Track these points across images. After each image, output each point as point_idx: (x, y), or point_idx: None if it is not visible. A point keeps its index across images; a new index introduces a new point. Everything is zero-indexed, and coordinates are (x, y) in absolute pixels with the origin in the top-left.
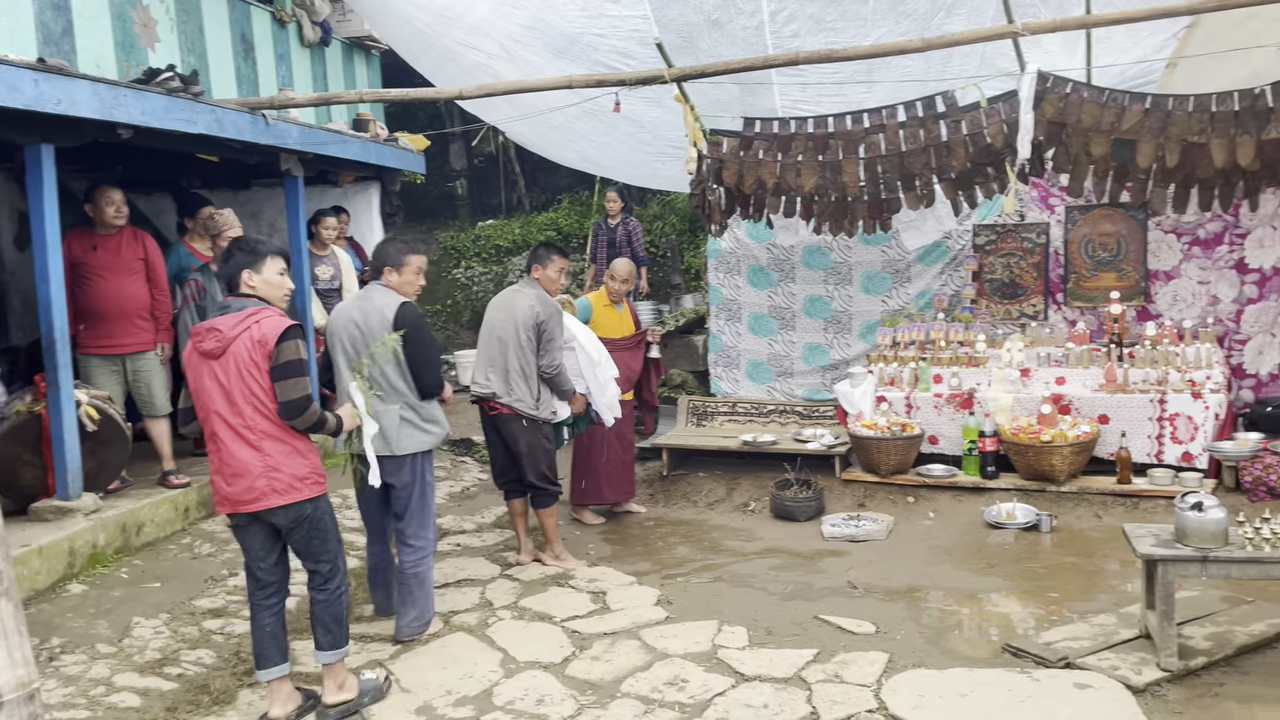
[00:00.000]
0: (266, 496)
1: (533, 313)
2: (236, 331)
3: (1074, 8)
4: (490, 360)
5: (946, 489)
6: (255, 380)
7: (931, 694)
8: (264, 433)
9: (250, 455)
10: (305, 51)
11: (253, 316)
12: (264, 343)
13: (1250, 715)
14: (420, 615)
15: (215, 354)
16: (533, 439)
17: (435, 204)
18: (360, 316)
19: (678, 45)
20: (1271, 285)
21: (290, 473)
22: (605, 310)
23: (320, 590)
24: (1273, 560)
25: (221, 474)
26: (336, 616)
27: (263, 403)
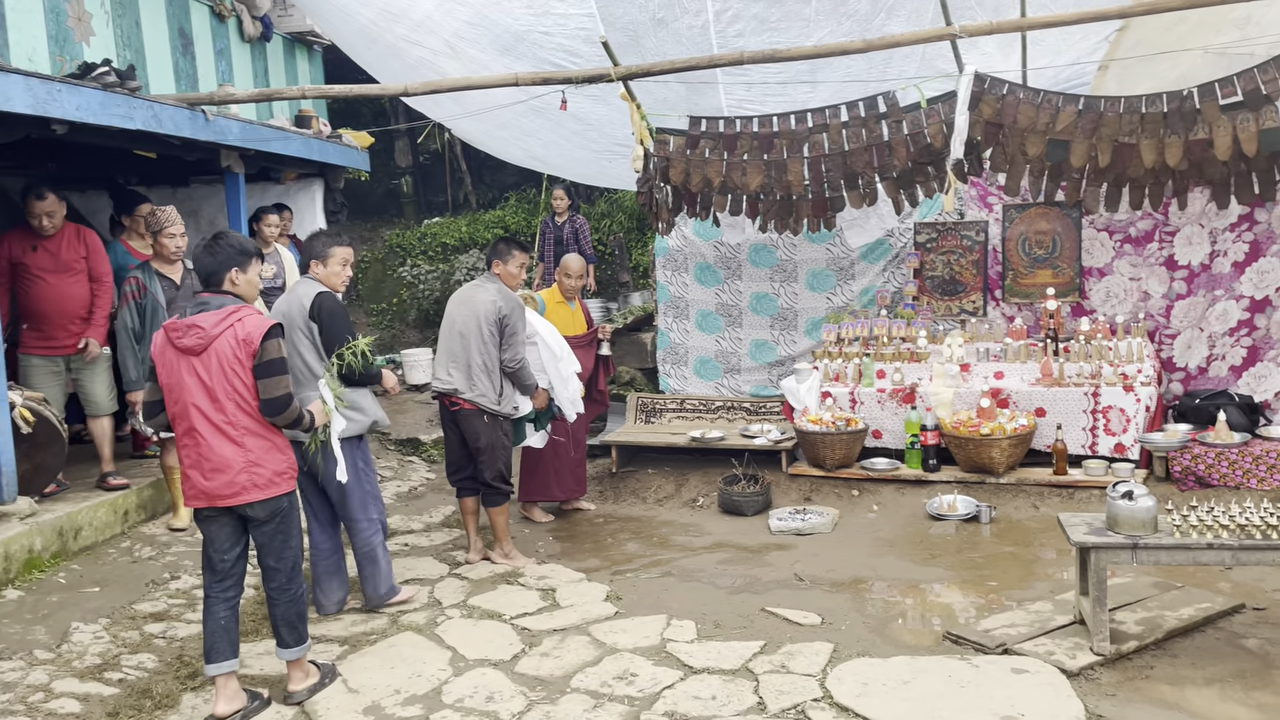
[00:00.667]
0: (247, 491)
1: (494, 307)
2: (219, 329)
3: (1010, 11)
4: (452, 356)
5: (890, 482)
6: (239, 377)
7: (875, 682)
8: (246, 429)
9: (232, 450)
10: (246, 47)
11: (234, 315)
12: (248, 341)
13: (1180, 696)
14: (385, 584)
15: (196, 350)
16: (493, 435)
17: (381, 201)
18: (285, 308)
19: (623, 44)
20: (1199, 281)
21: (271, 468)
22: (557, 307)
23: (283, 591)
24: (1199, 546)
25: (199, 468)
26: (300, 614)
27: (245, 399)
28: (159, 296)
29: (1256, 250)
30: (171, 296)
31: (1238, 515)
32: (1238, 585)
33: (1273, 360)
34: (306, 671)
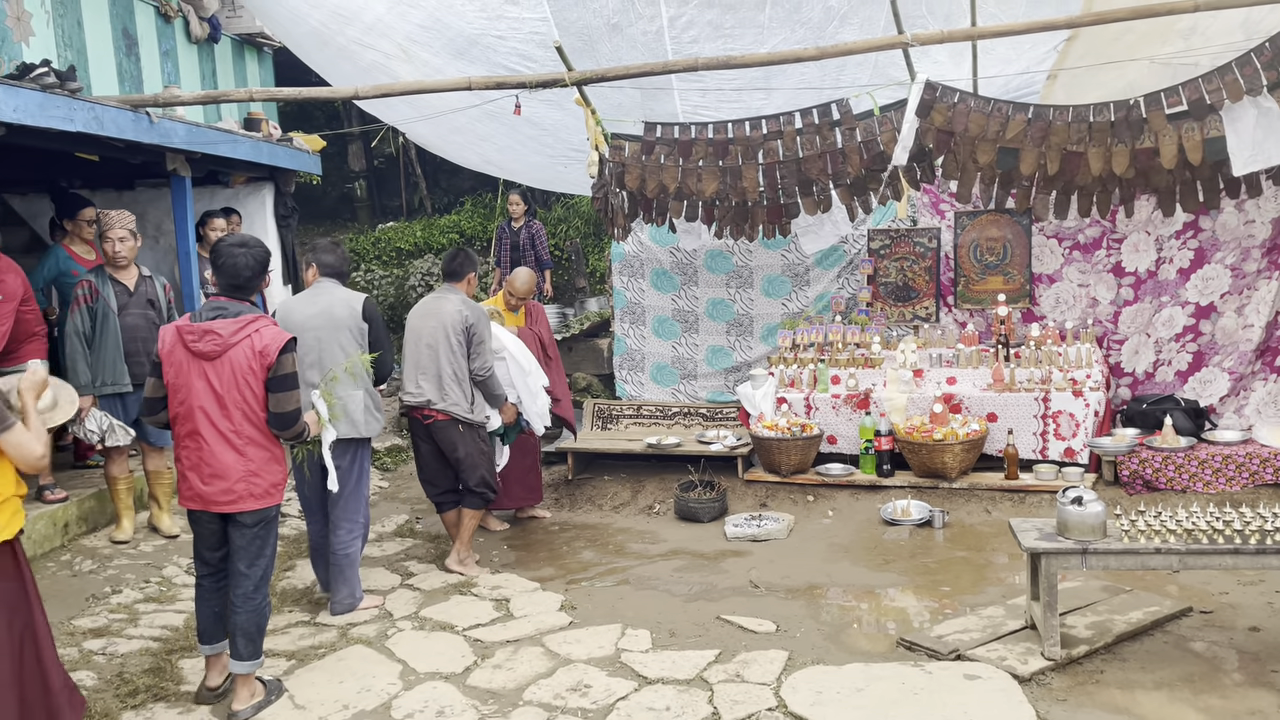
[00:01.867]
0: (243, 500)
1: (460, 316)
2: (237, 338)
3: (960, 20)
4: (420, 367)
5: (845, 487)
6: (250, 388)
7: (829, 690)
8: (250, 439)
9: (234, 459)
10: (193, 48)
11: (252, 325)
12: (265, 354)
13: (1129, 700)
14: (351, 592)
15: (211, 356)
16: (471, 444)
17: (334, 206)
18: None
19: (578, 49)
20: (1146, 288)
21: (268, 479)
22: (507, 316)
23: (248, 600)
24: (1147, 551)
25: (198, 472)
26: (260, 627)
27: (254, 410)
28: (111, 302)
29: (1201, 257)
30: (124, 303)
31: (1184, 519)
32: (1185, 588)
33: (1217, 365)
34: (253, 690)
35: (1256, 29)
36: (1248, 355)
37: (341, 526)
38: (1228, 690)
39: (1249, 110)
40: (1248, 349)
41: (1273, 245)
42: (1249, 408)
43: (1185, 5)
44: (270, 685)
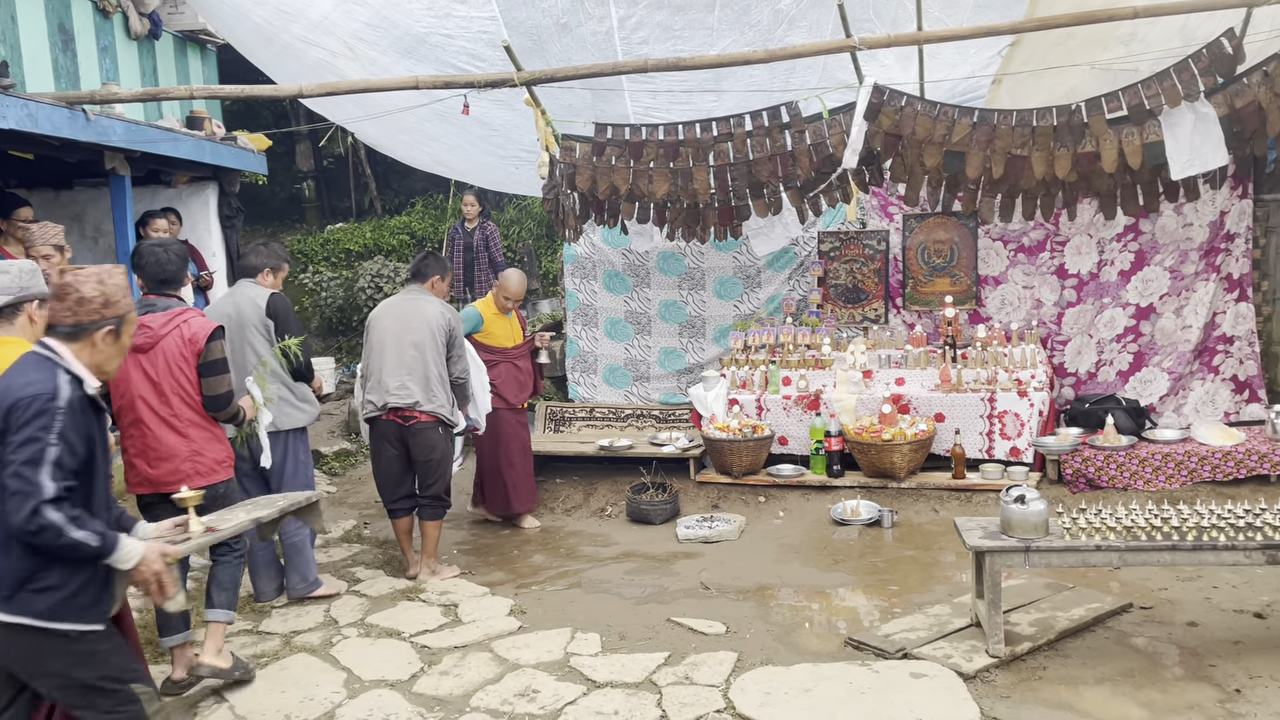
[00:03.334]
0: (191, 478)
1: (444, 318)
2: (166, 329)
3: (906, 24)
4: (407, 368)
5: (795, 488)
6: (184, 374)
7: (777, 690)
8: (190, 421)
9: (177, 441)
10: (132, 45)
11: (180, 316)
12: (194, 341)
13: (1072, 696)
14: (304, 577)
15: (144, 348)
16: (446, 447)
17: (282, 206)
18: (232, 310)
19: (527, 48)
20: (1088, 289)
21: (212, 457)
22: (495, 319)
23: (224, 557)
24: (1088, 548)
25: (144, 458)
26: (234, 580)
27: (189, 395)
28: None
29: (1141, 260)
30: None
31: (1124, 517)
32: (1126, 585)
33: (1157, 365)
34: (220, 649)
35: (1194, 36)
36: (1186, 355)
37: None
38: (1167, 684)
39: (1186, 115)
40: (1186, 349)
41: (1210, 248)
42: (1188, 407)
43: (1125, 11)
44: (239, 663)
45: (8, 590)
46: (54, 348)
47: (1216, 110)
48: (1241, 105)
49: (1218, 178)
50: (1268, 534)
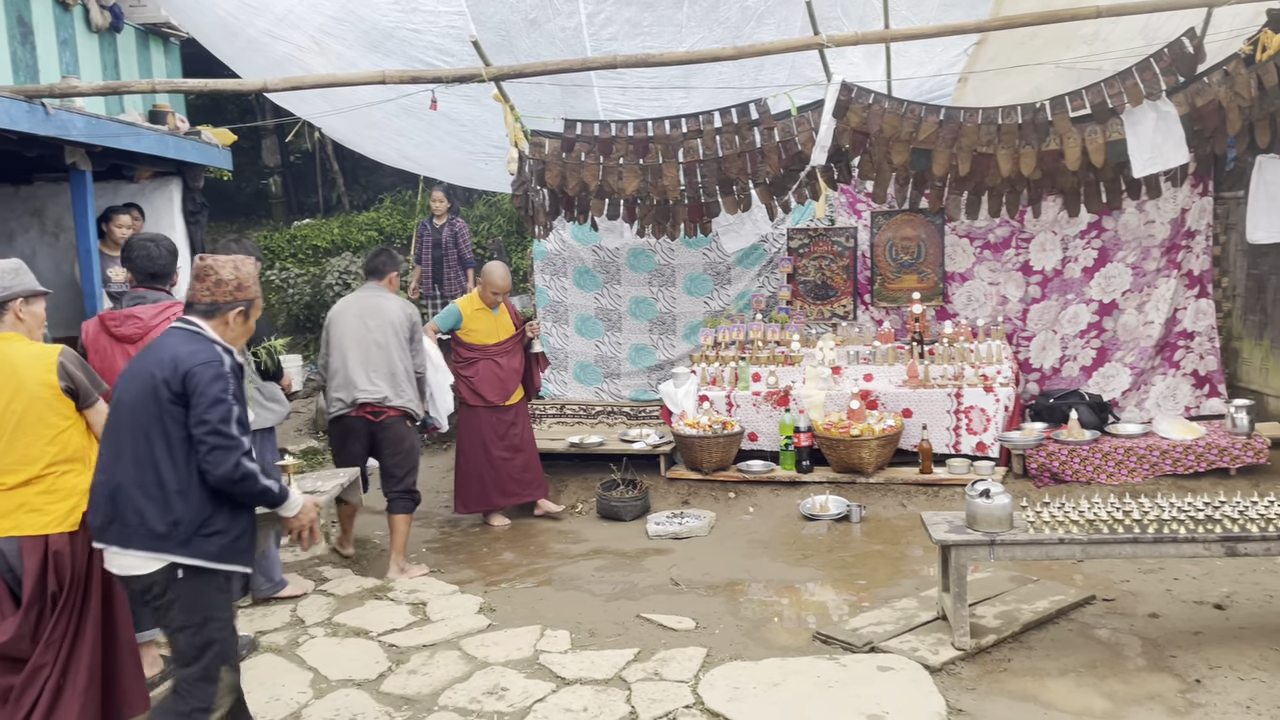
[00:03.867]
0: None
1: (405, 314)
2: (157, 321)
3: (874, 22)
4: (373, 364)
5: (765, 484)
6: None
7: (746, 685)
8: None
9: None
10: (93, 38)
11: (171, 309)
12: None
13: (1036, 687)
14: (269, 578)
15: (133, 339)
16: (414, 440)
17: (248, 202)
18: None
19: (496, 44)
20: (1052, 286)
21: None
22: (477, 314)
23: None
24: (1051, 541)
25: None
26: None
27: None
28: None
29: (1104, 256)
30: None
31: (1087, 511)
32: (1090, 577)
33: (1120, 361)
34: None
35: (1156, 35)
36: (1148, 351)
37: None
38: (1130, 675)
39: (1148, 114)
40: (1148, 345)
41: (1171, 245)
42: (1149, 401)
43: (1088, 11)
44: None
45: (184, 535)
46: (196, 323)
47: (1178, 109)
48: (1202, 104)
49: (1179, 176)
50: (1226, 526)
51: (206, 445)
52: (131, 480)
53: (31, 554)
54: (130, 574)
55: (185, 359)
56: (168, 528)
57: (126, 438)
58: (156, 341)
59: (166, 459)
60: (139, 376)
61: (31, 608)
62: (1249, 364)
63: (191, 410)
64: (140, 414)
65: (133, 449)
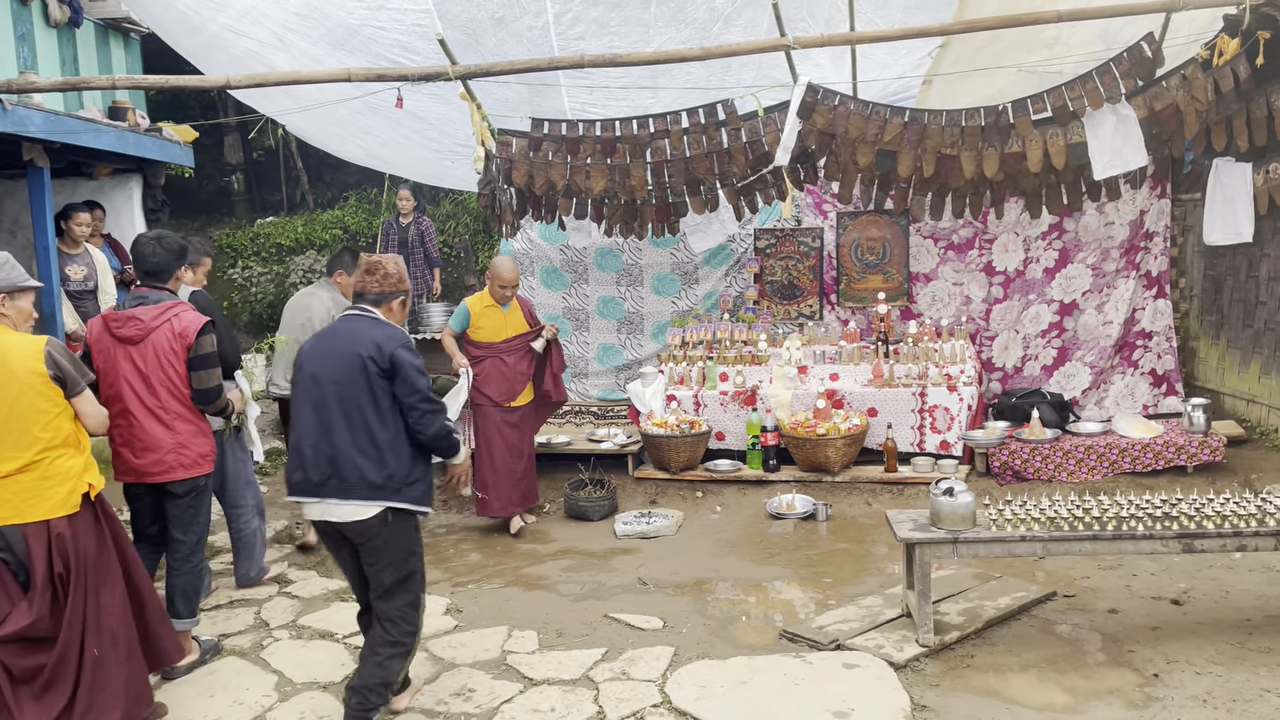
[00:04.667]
0: (174, 470)
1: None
2: (157, 322)
3: (840, 24)
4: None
5: (732, 483)
6: (173, 368)
7: (714, 684)
8: (176, 414)
9: (163, 433)
10: (52, 33)
11: (171, 310)
12: (184, 335)
13: (999, 683)
14: (254, 566)
15: (134, 340)
16: None
17: (210, 200)
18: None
19: (462, 42)
20: (1014, 286)
21: (196, 450)
22: (485, 311)
23: (184, 563)
24: (1013, 539)
25: (130, 447)
26: (195, 588)
27: (177, 387)
28: None
29: (1065, 257)
30: None
31: (1048, 508)
32: (1051, 574)
33: (1080, 360)
34: (190, 647)
35: (1115, 39)
36: (1107, 350)
37: (240, 510)
38: (1090, 670)
39: (1108, 117)
40: (1107, 344)
41: (1130, 246)
42: (1109, 400)
43: (1049, 15)
44: (205, 644)
45: (396, 485)
46: (372, 311)
47: (1137, 112)
48: (1160, 108)
49: (1138, 178)
50: (1183, 523)
51: (419, 411)
52: (349, 443)
53: (36, 539)
54: (349, 520)
55: (386, 341)
56: (384, 480)
57: (336, 409)
58: (345, 327)
59: (378, 423)
60: (342, 357)
61: (45, 590)
62: (1206, 363)
63: (400, 383)
64: (350, 388)
65: (345, 418)
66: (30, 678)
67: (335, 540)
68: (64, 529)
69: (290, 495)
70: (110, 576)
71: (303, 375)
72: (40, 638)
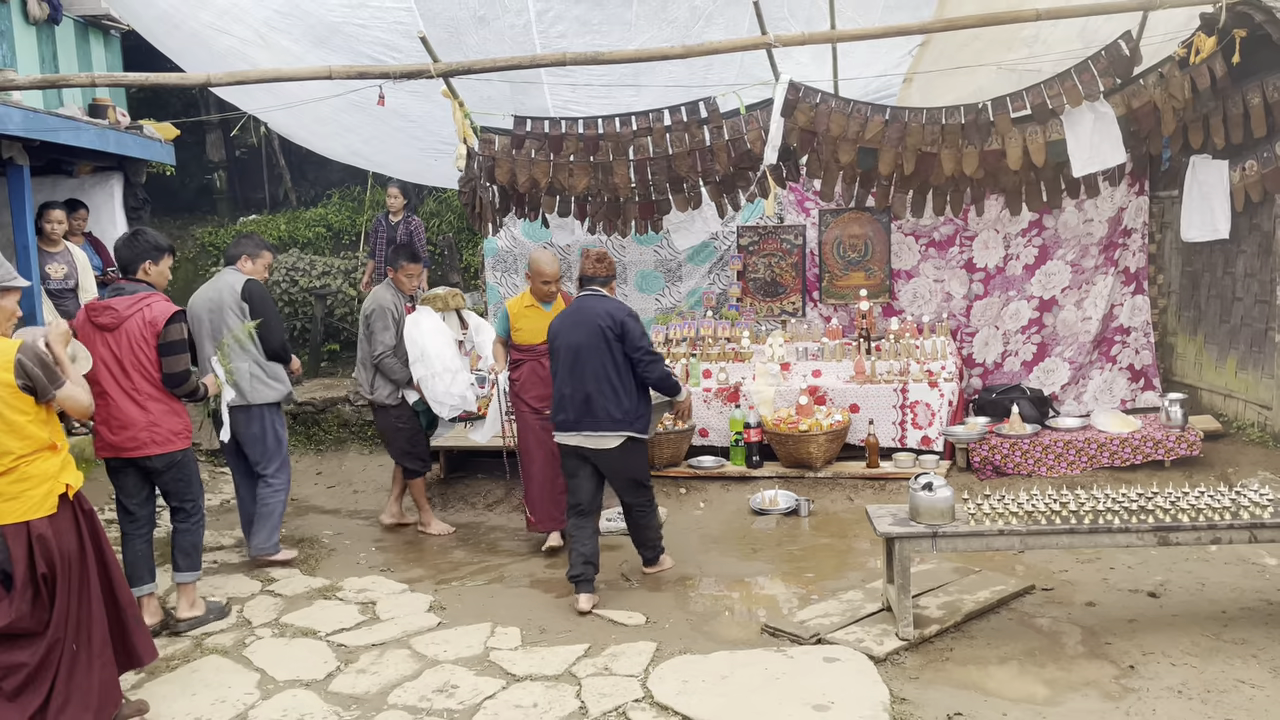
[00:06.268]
0: (147, 446)
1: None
2: (130, 311)
3: (820, 23)
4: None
5: (716, 479)
6: (144, 353)
7: (695, 679)
8: (148, 395)
9: (136, 412)
10: (31, 29)
11: (144, 300)
12: (154, 324)
13: (978, 676)
14: (269, 537)
15: (110, 327)
16: (383, 422)
17: (192, 198)
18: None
19: (444, 40)
20: (995, 283)
21: (167, 428)
22: (526, 312)
23: (183, 523)
24: (991, 533)
25: (108, 425)
26: (195, 544)
27: (149, 371)
28: None
29: (1044, 254)
30: None
31: (1026, 503)
32: (1030, 567)
33: (1059, 356)
34: (193, 602)
35: (1094, 38)
36: (1086, 346)
37: (269, 483)
38: (1068, 662)
39: (1087, 115)
40: (1086, 340)
41: (1109, 243)
42: (1087, 395)
43: (1028, 14)
44: (212, 606)
45: (630, 419)
46: (600, 290)
47: (1115, 110)
48: (1138, 105)
49: (1116, 175)
50: (1159, 517)
51: (644, 361)
52: (596, 390)
53: (16, 540)
54: (600, 448)
55: (616, 311)
56: (623, 415)
57: (586, 364)
58: (587, 304)
59: (615, 373)
60: (586, 325)
61: (26, 590)
62: (1183, 359)
63: (629, 342)
64: (595, 349)
65: (593, 370)
66: (5, 675)
67: (576, 461)
68: (45, 530)
69: (556, 432)
70: (90, 575)
71: (559, 342)
72: (18, 635)
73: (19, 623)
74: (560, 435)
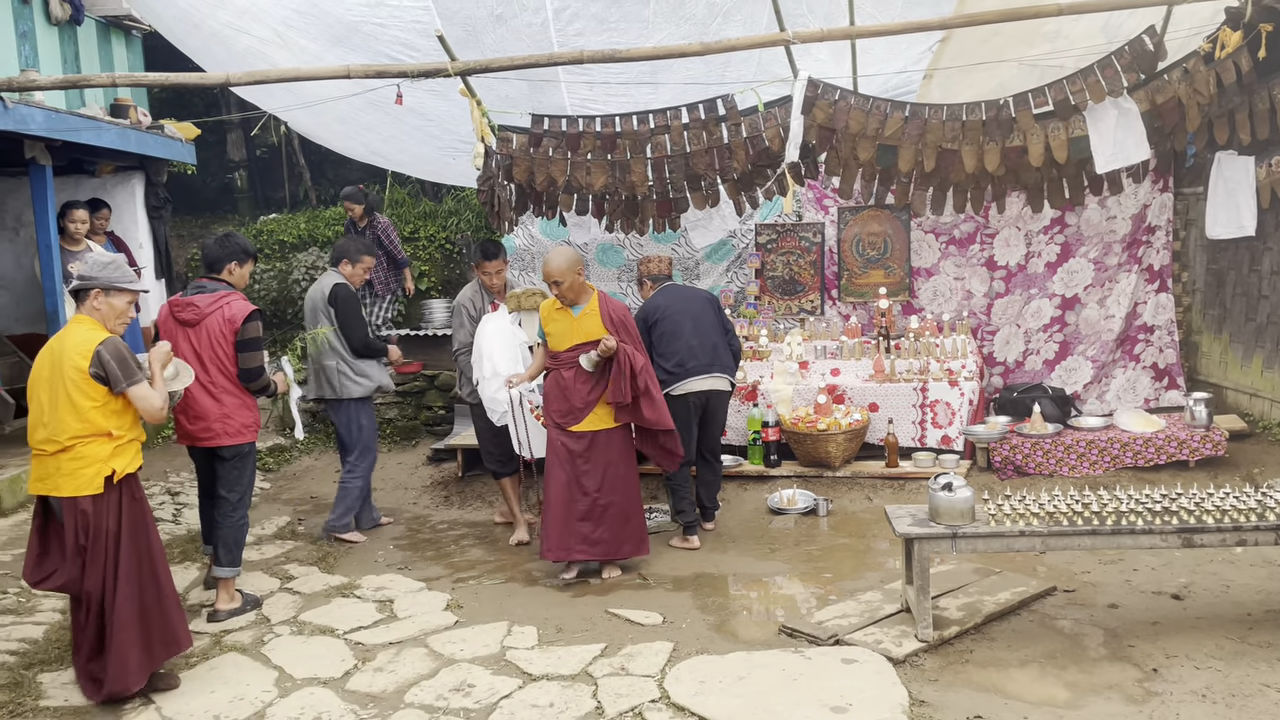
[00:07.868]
0: (219, 437)
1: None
2: (211, 308)
3: (839, 19)
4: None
5: (734, 478)
6: (222, 349)
7: (712, 679)
8: (223, 389)
9: (211, 404)
10: (53, 30)
11: (224, 298)
12: (233, 321)
13: (997, 678)
14: (343, 516)
15: (191, 323)
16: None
17: (213, 197)
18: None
19: (461, 39)
20: (1016, 281)
21: (239, 421)
22: (554, 315)
23: (227, 517)
24: (1012, 534)
25: (185, 414)
26: (237, 540)
27: (225, 366)
28: None
29: (1067, 251)
30: None
31: (1047, 503)
32: (1052, 568)
33: (1081, 354)
34: (232, 595)
35: (1117, 33)
36: (1109, 344)
37: (350, 466)
38: (1089, 665)
39: (1110, 111)
40: (1109, 338)
41: (1132, 240)
42: (1110, 394)
43: (1050, 9)
44: (248, 597)
45: (730, 369)
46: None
47: (1138, 106)
48: (1162, 101)
49: (1140, 172)
50: (1183, 518)
51: (733, 332)
52: (719, 343)
53: (68, 512)
54: (720, 389)
55: (699, 296)
56: (728, 366)
57: (706, 326)
58: (680, 289)
59: (721, 334)
60: (696, 299)
61: (76, 557)
62: (1208, 357)
63: (724, 316)
64: (708, 316)
65: (710, 332)
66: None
67: (690, 412)
68: (88, 506)
69: (689, 377)
70: (122, 555)
71: (674, 310)
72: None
73: (71, 585)
74: (690, 381)
